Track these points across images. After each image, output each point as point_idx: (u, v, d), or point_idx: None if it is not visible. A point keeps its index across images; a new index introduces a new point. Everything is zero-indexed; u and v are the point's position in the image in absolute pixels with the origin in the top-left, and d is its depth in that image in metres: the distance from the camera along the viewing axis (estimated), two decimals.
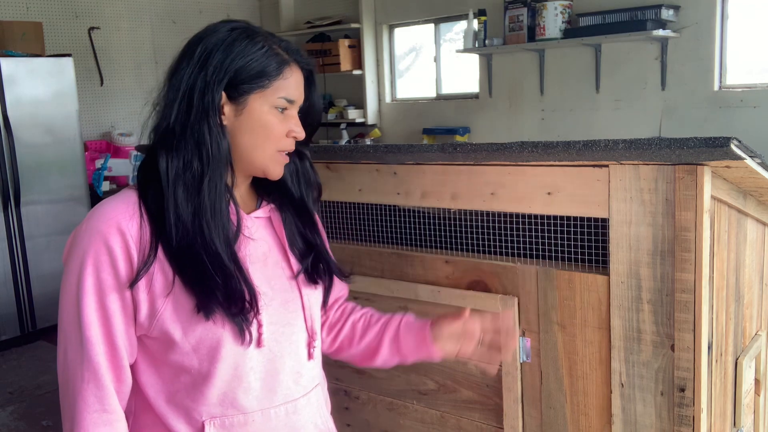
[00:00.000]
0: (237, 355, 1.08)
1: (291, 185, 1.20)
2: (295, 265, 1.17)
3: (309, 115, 1.17)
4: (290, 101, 1.11)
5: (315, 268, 1.20)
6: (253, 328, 1.08)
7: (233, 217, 1.09)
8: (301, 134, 1.13)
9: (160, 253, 1.04)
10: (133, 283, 1.02)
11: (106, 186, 4.88)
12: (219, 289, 1.03)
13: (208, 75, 1.05)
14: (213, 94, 1.05)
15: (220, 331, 1.05)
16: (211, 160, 1.05)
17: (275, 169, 1.13)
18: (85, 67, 5.28)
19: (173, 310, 1.04)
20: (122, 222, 1.02)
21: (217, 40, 1.07)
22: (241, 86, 1.07)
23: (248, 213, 1.15)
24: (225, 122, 1.08)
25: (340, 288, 1.33)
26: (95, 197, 4.70)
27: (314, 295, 1.20)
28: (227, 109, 1.07)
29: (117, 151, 5.21)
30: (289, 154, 1.16)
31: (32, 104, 4.35)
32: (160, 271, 1.04)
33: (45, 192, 4.45)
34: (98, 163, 4.93)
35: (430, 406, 1.65)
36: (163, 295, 1.04)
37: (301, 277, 1.18)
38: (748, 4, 4.13)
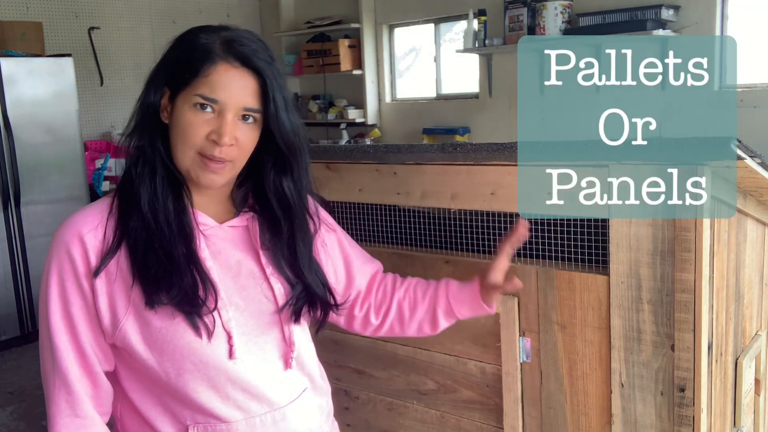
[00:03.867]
0: (207, 367, 1.06)
1: (277, 209, 1.15)
2: (273, 276, 1.14)
3: (272, 130, 1.08)
4: (210, 99, 1.02)
5: (298, 303, 1.15)
6: (223, 337, 1.06)
7: (193, 219, 1.09)
8: (222, 138, 1.02)
9: (122, 257, 1.04)
10: (94, 275, 1.03)
11: (106, 186, 4.88)
12: (166, 279, 1.03)
13: (154, 73, 1.08)
14: (152, 91, 1.07)
15: (181, 343, 1.04)
16: (143, 155, 1.07)
17: (198, 176, 1.05)
18: (85, 67, 5.28)
19: (134, 320, 1.04)
20: (84, 233, 1.04)
21: (176, 39, 1.08)
22: (173, 84, 1.06)
23: (222, 222, 1.13)
24: (166, 121, 1.07)
25: (367, 271, 1.32)
26: (95, 197, 4.70)
27: (292, 319, 1.17)
28: (169, 107, 1.07)
29: (117, 151, 5.20)
30: (267, 172, 1.13)
31: (32, 104, 4.35)
32: (121, 276, 1.04)
33: (45, 192, 4.45)
34: (98, 163, 4.93)
35: (430, 406, 1.65)
36: (124, 306, 1.04)
37: (280, 293, 1.14)
38: (748, 4, 4.13)
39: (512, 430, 1.51)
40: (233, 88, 1.03)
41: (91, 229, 1.04)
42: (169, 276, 1.03)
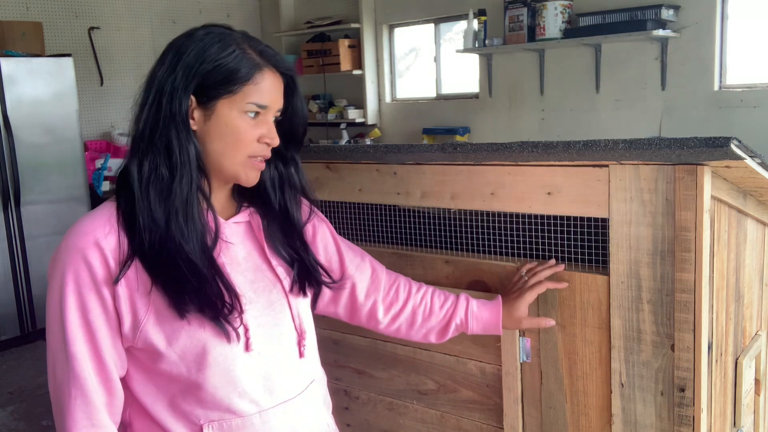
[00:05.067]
0: (226, 361, 1.07)
1: (271, 192, 1.18)
2: (278, 267, 1.17)
3: (291, 122, 1.16)
4: (261, 106, 1.08)
5: (300, 278, 1.19)
6: (240, 331, 1.08)
7: (212, 224, 1.09)
8: (275, 140, 1.10)
9: (139, 262, 1.03)
10: (115, 282, 1.02)
11: (106, 186, 4.88)
12: (194, 293, 1.03)
13: (177, 79, 1.04)
14: (181, 99, 1.04)
15: (204, 337, 1.05)
16: (179, 165, 1.04)
17: (247, 176, 1.10)
18: (85, 67, 5.29)
19: (156, 320, 1.04)
20: (100, 237, 1.02)
21: (189, 43, 1.06)
22: (209, 91, 1.05)
23: (227, 219, 1.15)
24: (194, 127, 1.07)
25: (362, 268, 1.34)
26: (95, 197, 4.70)
27: (301, 295, 1.20)
28: (197, 114, 1.06)
29: (117, 151, 5.21)
30: (270, 160, 1.15)
31: (32, 104, 4.35)
32: (140, 281, 1.04)
33: (45, 192, 4.45)
34: (98, 163, 4.93)
35: (430, 406, 1.65)
36: (144, 306, 1.04)
37: (288, 280, 1.18)
38: (748, 4, 4.13)
39: (512, 430, 1.51)
40: (274, 92, 1.10)
41: (105, 234, 1.03)
42: (194, 287, 1.03)
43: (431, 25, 5.65)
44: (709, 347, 1.33)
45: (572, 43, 4.59)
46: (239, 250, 1.14)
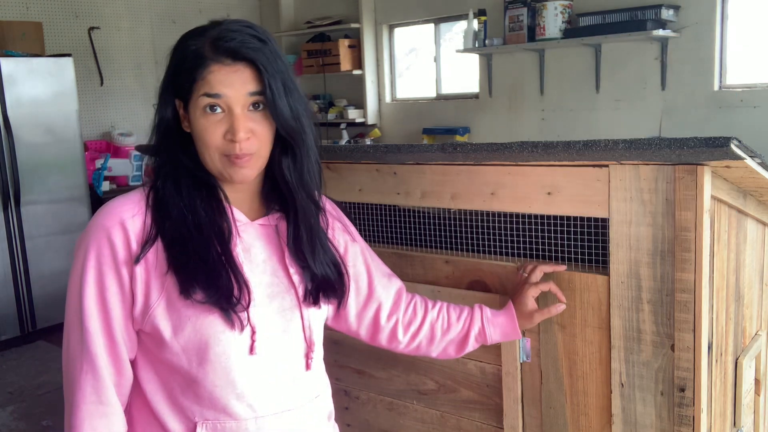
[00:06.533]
0: (227, 360, 1.07)
1: (282, 188, 1.16)
2: (295, 275, 1.16)
3: (273, 115, 1.07)
4: (213, 95, 1.03)
5: (314, 287, 1.17)
6: (247, 330, 1.08)
7: (231, 219, 1.11)
8: (236, 135, 1.04)
9: (159, 247, 1.06)
10: (135, 261, 1.05)
11: (106, 186, 4.88)
12: (203, 275, 1.05)
13: (162, 87, 1.10)
14: (165, 108, 1.09)
15: (208, 329, 1.06)
16: (168, 171, 1.10)
17: (231, 175, 1.07)
18: (85, 67, 5.28)
19: (166, 306, 1.06)
20: (126, 218, 1.06)
21: (172, 50, 1.10)
22: (183, 95, 1.07)
23: (253, 219, 1.15)
24: (188, 130, 1.10)
25: (388, 289, 1.33)
26: (95, 197, 4.70)
27: (314, 305, 1.19)
28: (187, 118, 1.09)
29: (117, 151, 5.21)
30: (280, 158, 1.13)
31: (32, 104, 4.35)
32: (159, 262, 1.06)
33: (45, 192, 4.45)
34: (98, 163, 4.93)
35: (430, 406, 1.65)
36: (158, 290, 1.06)
37: (301, 288, 1.16)
38: (748, 4, 4.13)
39: (512, 430, 1.51)
40: (232, 82, 1.04)
41: (132, 215, 1.06)
42: (206, 276, 1.05)
43: (431, 25, 5.65)
44: (709, 347, 1.33)
45: (572, 43, 4.59)
46: (259, 252, 1.14)
